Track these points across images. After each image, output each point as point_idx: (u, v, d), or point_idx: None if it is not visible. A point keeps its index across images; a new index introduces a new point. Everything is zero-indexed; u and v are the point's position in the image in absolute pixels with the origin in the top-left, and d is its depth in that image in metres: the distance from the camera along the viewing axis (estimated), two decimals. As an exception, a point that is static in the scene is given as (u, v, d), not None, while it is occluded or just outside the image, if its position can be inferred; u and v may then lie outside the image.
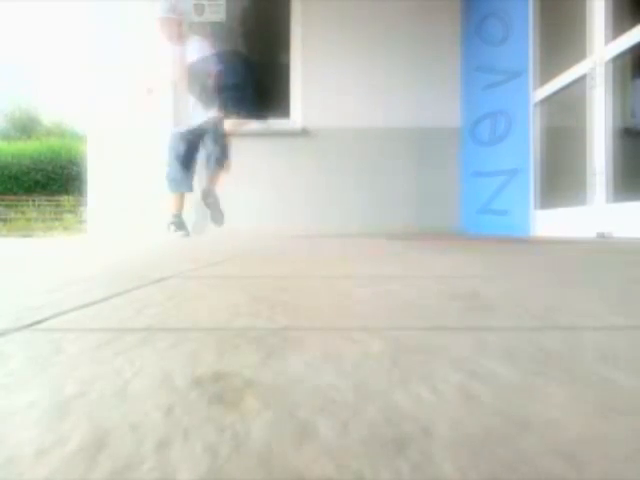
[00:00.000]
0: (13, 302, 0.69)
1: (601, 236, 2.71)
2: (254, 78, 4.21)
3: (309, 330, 0.50)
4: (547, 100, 3.36)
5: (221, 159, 4.11)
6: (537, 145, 3.46)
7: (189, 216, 4.22)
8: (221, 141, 4.13)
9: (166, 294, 0.75)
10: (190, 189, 4.11)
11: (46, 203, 10.98)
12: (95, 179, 4.80)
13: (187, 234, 4.09)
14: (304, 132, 4.69)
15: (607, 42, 2.71)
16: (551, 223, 3.29)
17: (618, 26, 2.65)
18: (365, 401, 0.30)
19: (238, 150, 4.65)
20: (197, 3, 4.78)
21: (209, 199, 4.19)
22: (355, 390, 0.32)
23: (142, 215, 4.70)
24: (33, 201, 10.89)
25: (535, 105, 3.46)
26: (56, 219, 10.31)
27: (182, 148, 4.07)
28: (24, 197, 11.00)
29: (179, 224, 4.12)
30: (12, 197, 10.96)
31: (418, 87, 4.67)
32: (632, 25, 2.51)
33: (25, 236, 6.81)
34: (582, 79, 2.93)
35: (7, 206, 10.65)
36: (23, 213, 10.40)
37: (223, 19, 4.75)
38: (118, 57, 4.73)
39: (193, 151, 4.12)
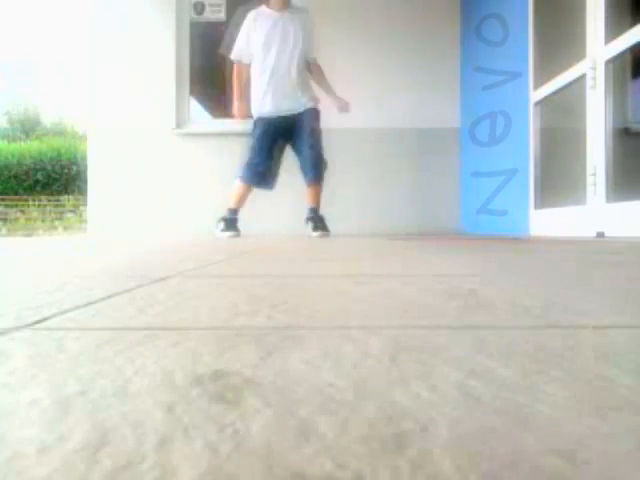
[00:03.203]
0: (14, 301, 0.69)
1: (600, 236, 2.71)
2: None
3: (309, 329, 0.50)
4: (546, 100, 3.36)
5: (319, 166, 3.51)
6: (536, 145, 3.46)
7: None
8: (317, 140, 3.52)
9: (167, 293, 0.75)
10: (271, 187, 3.60)
11: (47, 203, 10.98)
12: (96, 179, 4.80)
13: (238, 234, 3.61)
14: (304, 132, 4.68)
15: (606, 42, 2.71)
16: (550, 223, 3.29)
17: (617, 26, 2.65)
18: (364, 400, 0.30)
19: (237, 149, 4.65)
20: (197, 2, 4.78)
21: (317, 224, 3.56)
22: (355, 389, 0.32)
23: (143, 214, 4.71)
24: (34, 201, 10.89)
25: (534, 105, 3.46)
26: (57, 219, 10.31)
27: (269, 136, 3.50)
28: (25, 197, 11.00)
29: (231, 222, 3.60)
30: (13, 197, 10.96)
31: (417, 87, 4.67)
32: (631, 25, 2.51)
33: (26, 236, 6.82)
34: (581, 79, 2.93)
35: (8, 206, 10.64)
36: (24, 213, 10.40)
37: (223, 18, 4.75)
38: (119, 56, 4.73)
39: (280, 143, 3.57)
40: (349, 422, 0.26)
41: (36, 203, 10.84)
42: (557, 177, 3.34)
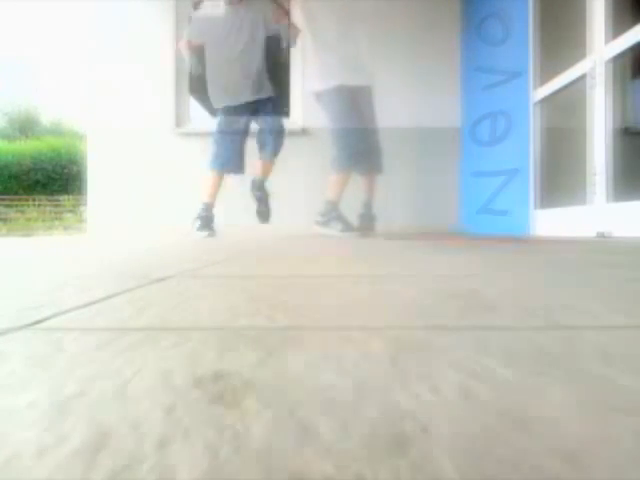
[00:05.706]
0: (13, 301, 0.69)
1: (601, 236, 2.71)
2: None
3: (309, 330, 0.50)
4: (547, 100, 3.36)
5: (277, 146, 3.83)
6: (537, 145, 3.46)
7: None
8: (279, 124, 3.86)
9: (167, 293, 0.75)
10: (241, 171, 3.80)
11: (46, 203, 10.97)
12: (95, 178, 4.80)
13: (213, 234, 3.71)
14: (304, 132, 4.69)
15: (607, 41, 2.71)
16: (551, 223, 3.29)
17: (618, 25, 2.65)
18: (365, 400, 0.30)
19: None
20: (196, 0, 4.77)
21: (259, 192, 3.90)
22: (355, 390, 0.32)
23: (142, 214, 4.70)
24: (33, 200, 10.89)
25: (535, 105, 3.46)
26: (56, 219, 10.31)
27: (230, 123, 3.75)
28: (24, 197, 11.00)
29: (206, 220, 3.69)
30: (12, 197, 10.96)
31: (418, 87, 4.67)
32: (632, 24, 2.51)
33: (25, 236, 6.82)
34: (582, 79, 2.93)
35: (7, 206, 10.64)
36: (23, 213, 10.40)
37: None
38: (118, 55, 4.73)
39: (244, 129, 3.80)
40: (349, 423, 0.26)
41: (36, 203, 10.84)
42: (558, 177, 3.33)
